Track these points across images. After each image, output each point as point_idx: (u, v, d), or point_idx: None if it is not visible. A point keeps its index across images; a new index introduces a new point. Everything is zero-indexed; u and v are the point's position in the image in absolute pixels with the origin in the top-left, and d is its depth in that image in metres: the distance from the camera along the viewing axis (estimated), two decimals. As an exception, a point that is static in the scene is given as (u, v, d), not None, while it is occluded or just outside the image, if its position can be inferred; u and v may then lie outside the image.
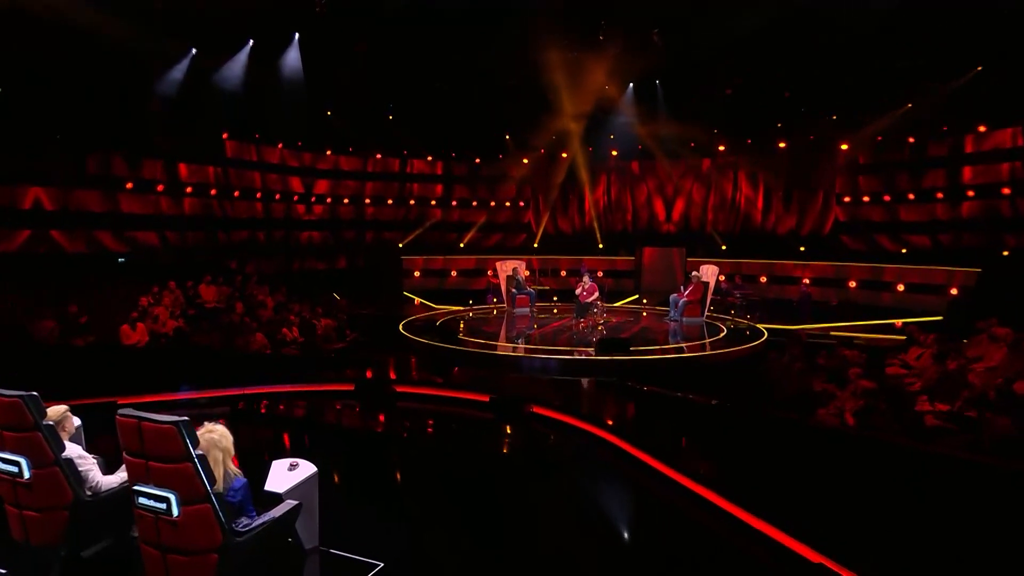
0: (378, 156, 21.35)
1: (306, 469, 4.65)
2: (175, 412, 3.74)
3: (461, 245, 21.52)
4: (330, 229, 20.69)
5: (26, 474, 3.97)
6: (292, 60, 13.61)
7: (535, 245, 21.51)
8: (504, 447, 7.52)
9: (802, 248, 18.46)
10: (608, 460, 6.82)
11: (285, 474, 4.59)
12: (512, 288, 15.35)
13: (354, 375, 9.47)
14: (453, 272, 20.82)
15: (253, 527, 3.82)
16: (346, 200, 21.04)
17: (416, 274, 20.56)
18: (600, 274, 19.68)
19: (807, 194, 18.89)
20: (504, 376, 9.98)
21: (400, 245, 20.94)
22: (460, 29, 13.33)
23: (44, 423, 4.03)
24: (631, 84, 16.52)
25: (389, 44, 14.78)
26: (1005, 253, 14.57)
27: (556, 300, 17.95)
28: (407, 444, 7.58)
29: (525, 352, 11.09)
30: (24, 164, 12.53)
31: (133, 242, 14.79)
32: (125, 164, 14.59)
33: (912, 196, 17.10)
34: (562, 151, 20.66)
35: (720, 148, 19.65)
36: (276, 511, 4.06)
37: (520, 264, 15.92)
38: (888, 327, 13.92)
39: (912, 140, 16.88)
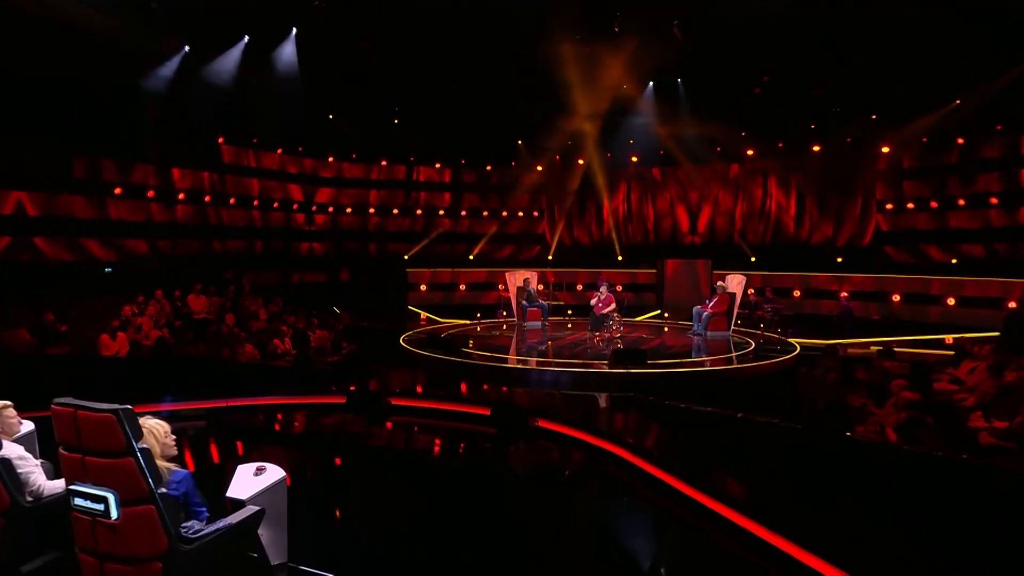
0: (383, 163, 21.40)
1: (273, 474, 4.41)
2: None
3: (470, 257, 21.41)
4: (332, 240, 20.69)
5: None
6: (289, 58, 13.62)
7: (550, 257, 21.37)
8: (505, 462, 7.22)
9: (839, 259, 18.11)
10: (622, 478, 6.54)
11: (250, 479, 4.36)
12: (523, 300, 15.08)
13: (346, 387, 9.26)
14: (461, 286, 20.72)
15: (205, 533, 3.58)
16: (349, 209, 21.06)
17: (422, 288, 20.48)
18: (619, 288, 19.43)
19: (844, 201, 18.55)
20: (509, 389, 9.76)
21: (406, 257, 20.90)
22: (469, 24, 13.32)
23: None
24: (651, 83, 16.37)
25: (394, 42, 14.81)
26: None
27: (571, 314, 17.69)
28: (397, 458, 7.33)
29: (534, 365, 10.87)
30: (5, 166, 12.58)
31: (122, 250, 14.78)
32: (115, 168, 14.64)
33: (963, 202, 16.67)
34: (578, 156, 20.56)
35: (748, 152, 19.43)
36: (233, 517, 3.82)
37: (532, 275, 15.72)
38: (938, 343, 13.48)
39: (961, 141, 16.49)
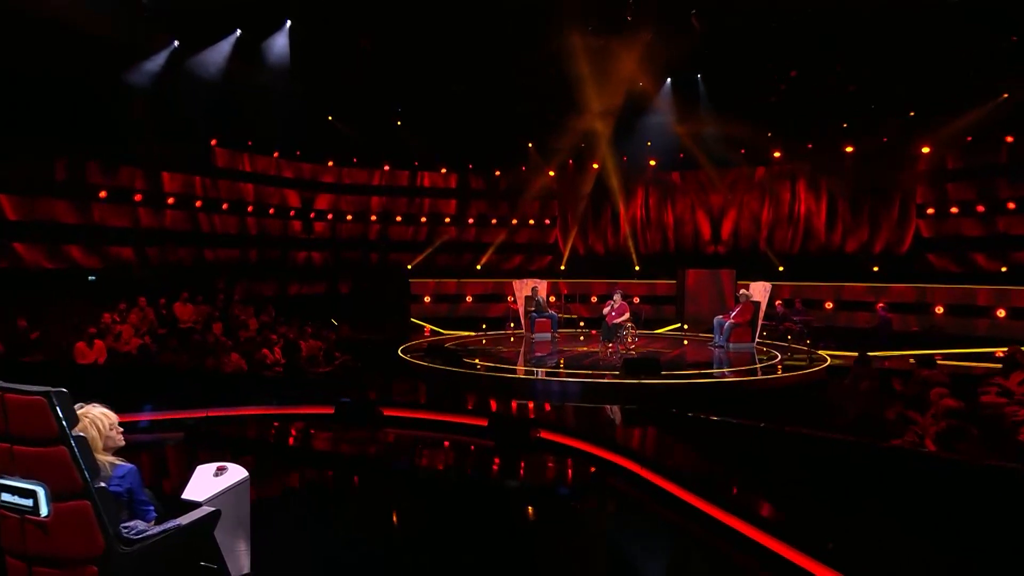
0: (386, 167, 21.47)
1: (235, 474, 4.24)
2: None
3: (477, 267, 21.34)
4: (331, 249, 20.72)
5: None
6: (281, 51, 13.64)
7: (562, 267, 21.25)
8: (502, 476, 6.99)
9: (876, 268, 17.79)
10: (633, 494, 6.36)
11: (209, 480, 4.19)
12: (531, 310, 14.87)
13: (336, 398, 9.09)
14: (468, 297, 20.64)
15: (150, 535, 3.39)
16: (349, 217, 21.11)
17: (426, 299, 20.43)
18: (636, 300, 19.30)
19: (881, 205, 18.26)
20: (512, 400, 9.63)
21: (409, 267, 20.90)
22: (475, 17, 13.31)
23: None
24: (668, 79, 16.27)
25: (396, 38, 14.85)
26: None
27: (583, 326, 17.48)
28: (385, 472, 7.14)
29: (541, 375, 10.74)
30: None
31: (106, 257, 14.81)
32: (100, 170, 14.71)
33: (1012, 205, 16.29)
34: (592, 160, 20.45)
35: (775, 154, 19.25)
36: (184, 518, 3.63)
37: (541, 284, 15.52)
38: (986, 356, 13.10)
39: (1011, 139, 16.16)
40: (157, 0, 12.04)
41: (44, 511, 3.14)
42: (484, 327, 17.48)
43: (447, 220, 22.08)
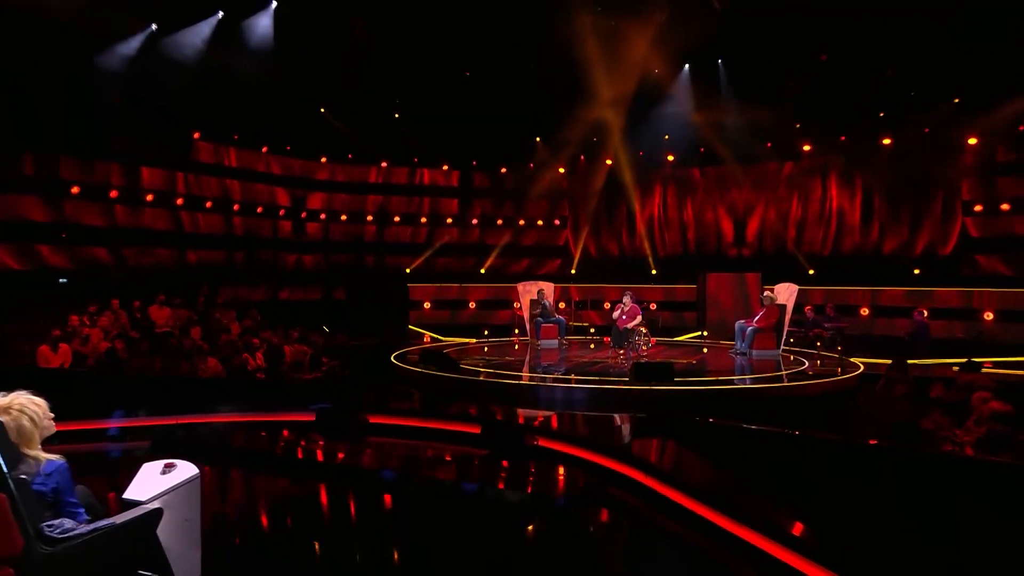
0: (383, 164, 21.46)
1: (184, 472, 4.12)
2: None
3: (481, 271, 21.27)
4: (323, 251, 20.71)
5: None
6: (266, 35, 13.65)
7: (573, 271, 21.17)
8: (492, 487, 6.84)
9: (916, 271, 17.53)
10: (640, 507, 6.23)
11: (155, 478, 4.08)
12: (536, 314, 14.74)
13: (318, 404, 9.03)
14: (471, 303, 20.60)
15: (77, 534, 3.26)
16: (344, 216, 21.12)
17: (426, 305, 20.41)
18: (653, 307, 19.16)
19: (922, 203, 17.99)
20: (508, 406, 9.57)
21: (408, 271, 20.87)
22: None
23: None
24: (686, 65, 16.16)
25: (393, 22, 14.85)
26: None
27: (593, 333, 17.32)
28: (367, 482, 7.01)
29: (544, 382, 10.61)
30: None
31: (80, 258, 14.82)
32: (73, 165, 14.73)
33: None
34: (605, 156, 20.37)
35: (805, 147, 19.04)
36: (119, 517, 3.51)
37: (547, 286, 15.39)
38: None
39: None
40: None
41: (-46, 504, 3.03)
42: (486, 333, 17.37)
43: (449, 220, 22.01)
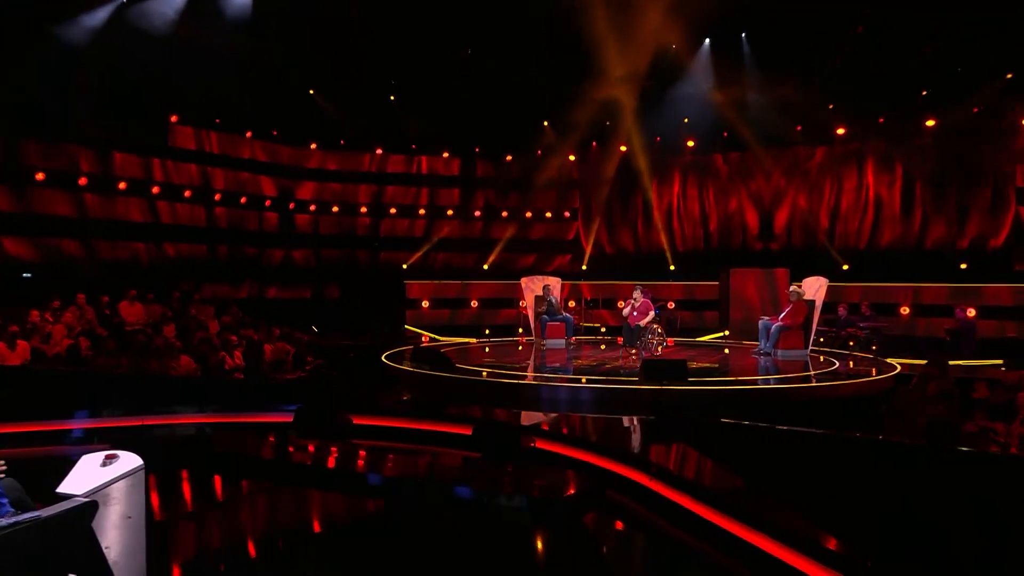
0: (377, 151, 21.48)
1: (127, 463, 4.03)
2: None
3: (484, 267, 21.31)
4: (313, 246, 20.78)
5: None
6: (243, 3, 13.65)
7: (583, 267, 21.18)
8: (483, 492, 6.75)
9: (963, 265, 17.41)
10: (646, 515, 6.17)
11: (94, 471, 3.99)
12: (542, 312, 14.68)
13: (298, 403, 9.00)
14: (473, 302, 20.65)
15: (-4, 525, 3.17)
16: (335, 208, 21.16)
17: (424, 304, 20.47)
18: (671, 305, 19.09)
19: (970, 190, 17.82)
20: (506, 407, 9.57)
21: (404, 266, 20.94)
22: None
23: None
24: (706, 39, 16.08)
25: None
26: None
27: (604, 332, 17.31)
28: (349, 488, 6.99)
29: (546, 381, 10.67)
30: None
31: (46, 251, 14.86)
32: (38, 150, 14.75)
33: None
34: (619, 142, 20.32)
35: (839, 130, 18.90)
36: (47, 510, 3.43)
37: (553, 282, 15.36)
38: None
39: None
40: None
41: None
42: (487, 333, 17.34)
43: (449, 212, 22.04)
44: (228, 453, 7.88)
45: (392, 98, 19.49)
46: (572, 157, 21.41)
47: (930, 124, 17.59)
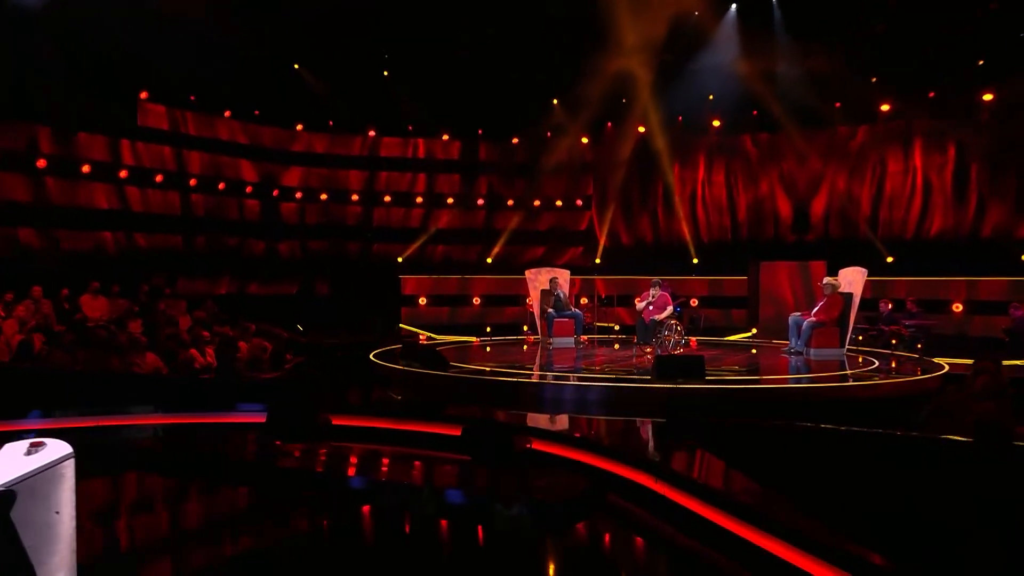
0: (370, 133, 21.52)
1: (54, 451, 3.91)
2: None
3: (488, 260, 21.36)
4: (299, 237, 20.85)
5: None
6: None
7: (597, 260, 21.16)
8: (471, 499, 6.69)
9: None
10: (659, 525, 6.04)
11: (16, 460, 3.88)
12: (548, 308, 14.64)
13: (273, 403, 8.97)
14: (475, 299, 20.79)
15: None
16: (323, 196, 21.20)
17: (421, 301, 20.64)
18: (694, 303, 19.03)
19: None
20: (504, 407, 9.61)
21: (399, 260, 21.01)
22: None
23: None
24: (732, 5, 15.99)
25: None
26: None
27: (618, 331, 17.26)
28: (323, 494, 6.92)
29: (549, 380, 10.78)
30: None
31: (1, 240, 14.84)
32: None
33: None
34: (637, 122, 20.26)
35: (882, 107, 18.78)
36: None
37: (561, 274, 15.37)
38: None
39: None
40: None
41: None
42: (489, 330, 17.34)
43: (449, 201, 22.06)
44: (185, 454, 7.88)
45: (386, 74, 19.48)
46: (585, 139, 21.38)
47: (987, 98, 17.47)
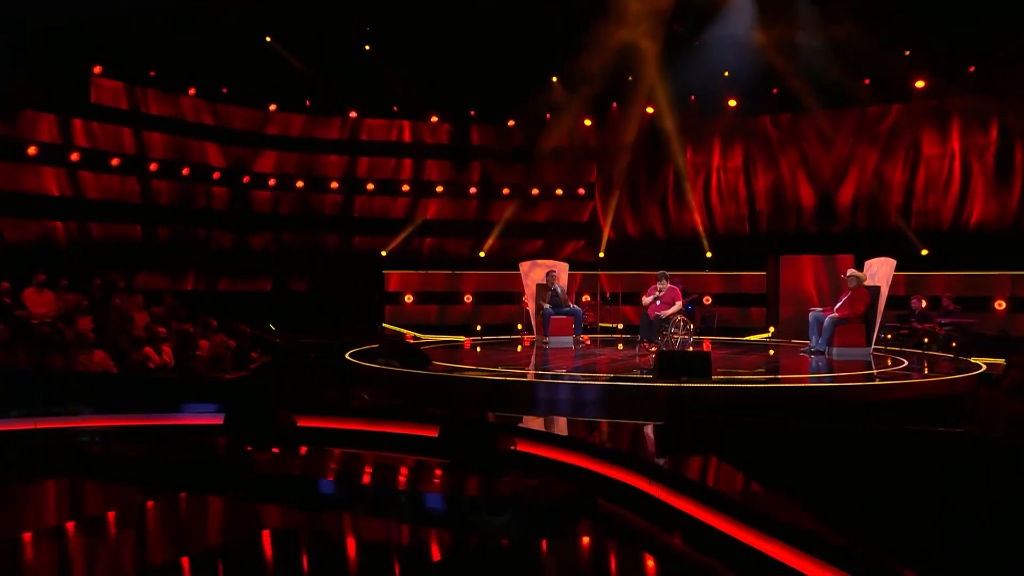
0: (352, 114, 21.60)
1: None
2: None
3: (480, 254, 21.45)
4: (273, 228, 20.95)
5: None
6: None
7: (601, 254, 21.20)
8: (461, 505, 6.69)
9: None
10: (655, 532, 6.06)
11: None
12: (544, 303, 14.60)
13: (229, 403, 9.00)
14: (466, 296, 20.86)
15: None
16: (299, 183, 21.28)
17: (407, 298, 20.75)
18: (708, 300, 19.04)
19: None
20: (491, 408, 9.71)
21: (383, 254, 21.09)
22: None
23: None
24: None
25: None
26: None
27: (622, 330, 17.46)
28: (286, 501, 6.92)
29: (539, 379, 10.82)
30: None
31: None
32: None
33: None
34: (645, 103, 20.36)
35: (916, 83, 18.76)
36: None
37: (559, 267, 15.42)
38: None
39: None
40: None
41: None
42: (479, 329, 17.49)
43: (438, 189, 22.19)
44: (125, 458, 7.89)
45: (368, 48, 19.46)
46: (588, 121, 21.42)
47: (1031, 74, 17.48)
